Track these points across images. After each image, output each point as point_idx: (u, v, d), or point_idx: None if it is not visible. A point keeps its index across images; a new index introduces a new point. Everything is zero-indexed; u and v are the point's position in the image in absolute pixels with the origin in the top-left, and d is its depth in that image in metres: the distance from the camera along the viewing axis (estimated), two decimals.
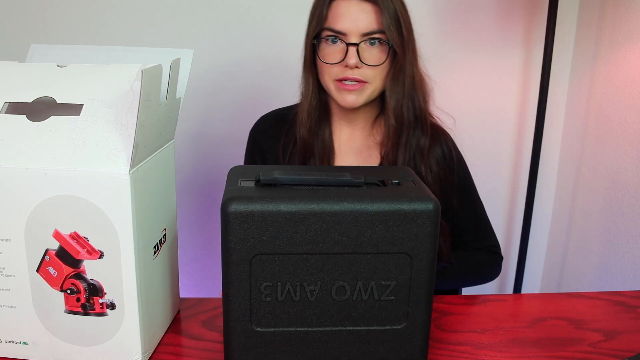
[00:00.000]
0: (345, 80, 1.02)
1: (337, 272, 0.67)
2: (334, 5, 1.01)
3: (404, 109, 1.05)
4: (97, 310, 0.68)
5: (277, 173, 0.68)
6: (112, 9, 1.57)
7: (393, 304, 0.69)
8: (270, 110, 1.22)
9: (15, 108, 0.70)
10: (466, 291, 1.26)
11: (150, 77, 0.63)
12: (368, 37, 1.00)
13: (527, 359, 0.75)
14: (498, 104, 1.69)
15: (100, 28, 1.58)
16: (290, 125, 1.13)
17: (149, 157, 0.69)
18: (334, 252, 0.66)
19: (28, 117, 0.67)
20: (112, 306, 0.68)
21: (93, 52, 0.77)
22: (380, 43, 1.01)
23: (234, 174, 0.73)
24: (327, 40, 1.02)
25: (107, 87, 0.67)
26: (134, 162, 0.64)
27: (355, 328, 0.69)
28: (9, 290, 0.69)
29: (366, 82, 1.02)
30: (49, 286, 0.68)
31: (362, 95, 1.03)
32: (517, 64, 1.65)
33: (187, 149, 1.69)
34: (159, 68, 0.65)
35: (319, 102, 1.09)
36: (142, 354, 0.70)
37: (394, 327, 0.70)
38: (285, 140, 1.13)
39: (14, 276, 0.68)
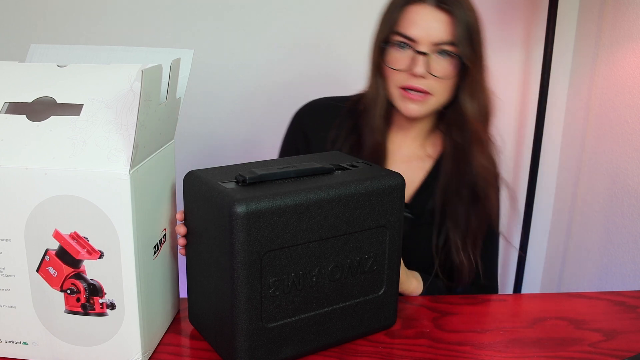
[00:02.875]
0: (409, 89, 0.98)
1: (332, 254, 0.72)
2: (407, 10, 0.97)
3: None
4: (97, 310, 0.68)
5: (260, 170, 0.70)
6: (112, 9, 1.56)
7: (375, 274, 0.76)
8: (316, 98, 1.17)
9: (15, 108, 0.70)
10: None
11: (150, 77, 0.63)
12: (439, 47, 0.96)
13: (527, 359, 0.75)
14: (498, 103, 1.68)
15: (100, 28, 1.58)
16: (343, 119, 1.09)
17: (149, 157, 0.69)
18: (329, 237, 0.71)
19: (28, 117, 0.67)
20: (112, 306, 0.68)
21: (93, 52, 0.77)
22: (451, 55, 0.97)
23: (201, 177, 0.72)
24: (396, 45, 0.98)
25: (107, 87, 0.67)
26: (134, 162, 0.64)
27: (346, 303, 0.75)
28: (9, 290, 0.69)
29: (430, 93, 0.99)
30: (49, 286, 0.68)
31: (424, 106, 1.00)
32: (517, 64, 1.65)
33: (187, 149, 1.69)
34: (159, 68, 0.65)
35: (386, 107, 1.05)
36: (142, 354, 0.70)
37: (375, 295, 0.77)
38: (337, 133, 1.09)
39: (14, 276, 0.68)
